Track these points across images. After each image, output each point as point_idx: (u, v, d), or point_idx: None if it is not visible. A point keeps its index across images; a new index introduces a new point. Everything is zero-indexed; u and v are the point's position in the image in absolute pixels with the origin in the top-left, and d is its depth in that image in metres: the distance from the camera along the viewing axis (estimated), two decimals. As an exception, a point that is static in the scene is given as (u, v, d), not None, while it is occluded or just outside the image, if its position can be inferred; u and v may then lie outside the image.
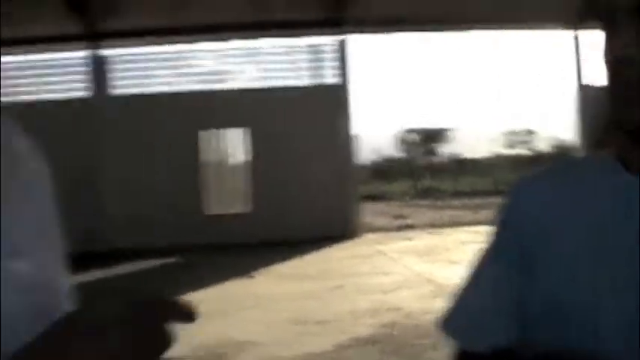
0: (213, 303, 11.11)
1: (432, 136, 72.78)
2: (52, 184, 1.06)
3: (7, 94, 22.28)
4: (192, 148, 21.80)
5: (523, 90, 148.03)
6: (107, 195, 20.96)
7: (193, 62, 22.50)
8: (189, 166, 21.71)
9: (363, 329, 8.91)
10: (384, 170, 69.23)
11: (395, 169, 69.80)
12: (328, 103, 21.69)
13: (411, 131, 73.72)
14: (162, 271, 16.79)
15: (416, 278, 12.78)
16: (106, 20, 21.10)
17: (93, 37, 21.47)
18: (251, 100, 21.57)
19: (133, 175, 21.10)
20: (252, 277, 14.03)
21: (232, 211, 22.18)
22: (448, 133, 72.54)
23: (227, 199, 22.40)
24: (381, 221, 26.35)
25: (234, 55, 22.51)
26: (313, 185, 21.29)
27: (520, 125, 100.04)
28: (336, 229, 20.79)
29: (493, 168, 63.34)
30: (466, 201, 40.86)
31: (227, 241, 20.11)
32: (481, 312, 1.24)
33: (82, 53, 22.08)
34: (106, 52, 22.10)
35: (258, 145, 21.64)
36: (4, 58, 22.39)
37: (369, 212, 27.11)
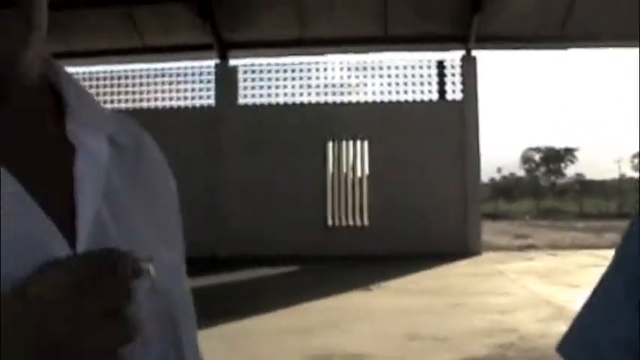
0: (330, 313, 11.22)
1: (556, 156, 71.36)
2: (176, 194, 1.10)
3: (137, 101, 23.11)
4: (319, 159, 22.04)
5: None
6: (232, 202, 21.38)
7: (320, 74, 22.76)
8: (315, 177, 21.94)
9: (479, 349, 8.83)
10: (507, 188, 68.17)
11: (517, 187, 68.66)
12: (453, 118, 21.58)
13: (534, 149, 72.51)
14: (281, 279, 17.02)
15: (534, 300, 12.57)
16: (235, 31, 21.61)
17: (222, 47, 22.01)
18: (376, 114, 21.66)
19: (257, 184, 21.46)
20: (370, 290, 14.08)
21: (353, 223, 22.31)
22: (573, 152, 70.96)
23: (348, 212, 22.54)
24: (501, 240, 26.01)
25: (360, 68, 22.66)
26: (434, 201, 21.18)
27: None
28: (456, 246, 20.62)
29: (619, 190, 61.55)
30: (590, 223, 39.88)
31: (347, 252, 20.23)
32: (600, 339, 1.17)
33: (211, 62, 22.69)
34: (234, 61, 22.63)
35: (381, 158, 21.69)
36: (136, 66, 23.24)
37: (490, 230, 26.82)
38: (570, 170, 71.55)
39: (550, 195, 64.97)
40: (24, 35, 0.84)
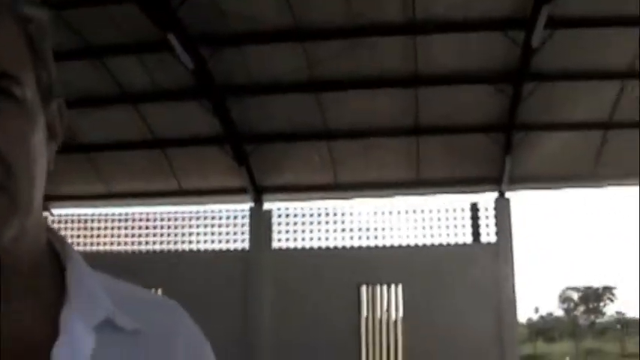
0: None
1: (594, 294, 70.34)
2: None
3: (172, 242, 23.31)
4: (353, 303, 21.88)
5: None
6: (264, 348, 21.17)
7: (353, 218, 22.87)
8: (349, 322, 21.71)
9: None
10: (545, 329, 66.96)
11: (556, 327, 67.42)
12: (488, 260, 21.43)
13: (572, 289, 71.55)
14: None
15: None
16: (269, 174, 21.94)
17: (257, 190, 22.28)
18: (409, 257, 21.59)
19: (291, 328, 21.27)
20: None
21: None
22: (612, 290, 69.88)
23: (382, 356, 22.19)
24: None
25: (393, 212, 22.72)
26: (470, 344, 20.81)
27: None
28: (494, 392, 20.16)
29: (663, 330, 60.12)
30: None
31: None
32: None
33: (245, 206, 22.91)
34: (268, 205, 22.85)
35: (414, 302, 21.49)
36: (172, 208, 23.58)
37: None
38: (610, 309, 70.30)
39: (590, 335, 63.61)
40: (4, 215, 0.85)
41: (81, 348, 0.89)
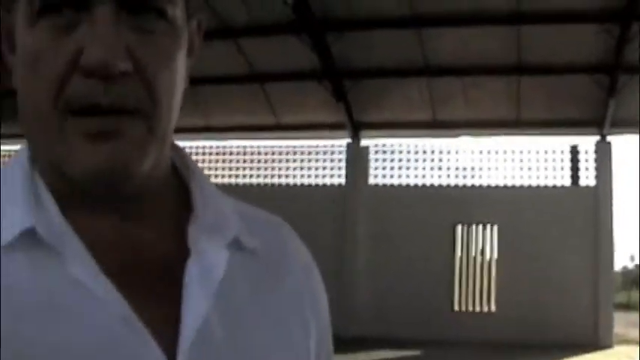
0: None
1: (694, 245, 68.49)
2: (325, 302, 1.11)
3: (269, 176, 23.55)
4: (447, 243, 21.88)
5: None
6: (358, 282, 21.36)
7: (451, 156, 22.73)
8: (443, 260, 21.74)
9: None
10: (640, 278, 65.64)
11: (652, 277, 65.95)
12: (586, 205, 21.08)
13: (671, 238, 69.79)
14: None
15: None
16: (367, 111, 21.88)
17: (354, 126, 22.28)
18: (506, 198, 21.39)
19: (385, 264, 21.40)
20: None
21: (480, 308, 21.95)
22: None
23: (475, 296, 22.19)
24: (634, 333, 24.97)
25: (492, 152, 22.49)
26: (564, 289, 20.61)
27: None
28: (586, 337, 19.95)
29: None
30: None
31: (472, 338, 19.85)
32: None
33: (342, 142, 22.97)
34: (365, 142, 22.86)
35: (510, 243, 21.33)
36: (269, 142, 23.76)
37: (622, 322, 25.78)
38: None
39: (687, 286, 62.12)
40: (142, 144, 0.84)
41: (213, 267, 0.88)
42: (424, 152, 22.81)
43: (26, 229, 0.80)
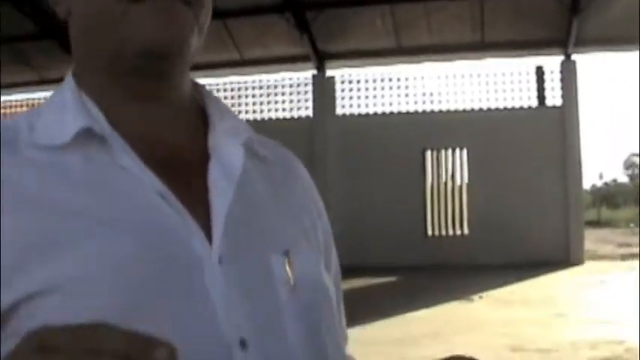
0: (431, 324, 11.17)
1: (661, 160, 69.40)
2: (326, 217, 1.30)
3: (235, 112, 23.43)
4: (417, 168, 22.01)
5: None
6: (330, 212, 21.37)
7: (417, 82, 22.74)
8: (414, 186, 21.91)
9: (585, 361, 8.67)
10: (609, 195, 66.61)
11: (620, 194, 66.97)
12: (553, 125, 21.24)
13: (636, 155, 70.68)
14: (381, 289, 17.02)
15: (641, 311, 12.26)
16: (331, 42, 21.76)
17: (319, 58, 22.17)
18: (474, 121, 21.50)
19: (356, 193, 21.54)
20: (471, 300, 13.96)
21: (452, 232, 22.21)
22: (679, 157, 68.84)
23: (447, 221, 22.43)
24: (604, 249, 25.44)
25: (457, 76, 22.54)
26: (535, 209, 20.87)
27: None
28: (558, 254, 20.30)
29: None
30: (698, 230, 38.58)
31: (446, 262, 20.13)
32: None
33: (308, 74, 22.89)
34: (331, 72, 22.79)
35: (479, 166, 21.51)
36: (234, 78, 23.61)
37: (593, 239, 26.24)
38: (676, 175, 69.31)
39: (654, 201, 63.06)
40: (192, 26, 1.01)
41: (233, 163, 1.04)
42: (390, 80, 22.82)
43: (82, 128, 0.97)
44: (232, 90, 23.69)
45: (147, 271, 0.91)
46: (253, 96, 23.54)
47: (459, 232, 22.16)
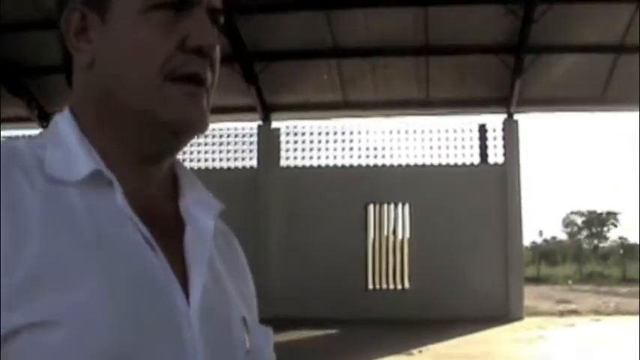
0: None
1: (598, 219, 70.54)
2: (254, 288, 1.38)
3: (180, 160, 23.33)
4: (360, 222, 22.08)
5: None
6: (272, 264, 21.38)
7: (362, 137, 22.91)
8: (356, 240, 21.95)
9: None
10: (548, 252, 67.35)
11: (559, 251, 67.76)
12: (495, 182, 21.53)
13: (576, 213, 71.80)
14: (321, 342, 16.93)
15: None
16: (278, 93, 21.89)
17: (265, 109, 22.26)
18: (417, 177, 21.69)
19: (298, 245, 21.48)
20: (412, 354, 13.96)
21: (393, 286, 22.25)
22: (616, 216, 70.05)
23: (389, 275, 22.49)
24: (543, 305, 25.68)
25: (402, 132, 22.76)
26: (476, 264, 21.02)
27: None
28: (498, 310, 20.44)
29: (664, 255, 60.23)
30: (634, 288, 39.11)
31: (386, 316, 20.11)
32: None
33: (254, 124, 22.94)
34: (277, 124, 22.89)
35: (422, 221, 21.65)
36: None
37: (532, 295, 26.48)
38: (613, 234, 70.60)
39: (593, 259, 63.82)
40: (207, 109, 1.14)
41: (206, 230, 1.14)
42: (335, 133, 22.97)
43: (94, 170, 1.06)
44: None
45: (137, 310, 0.99)
46: (198, 144, 23.47)
47: (399, 287, 22.23)
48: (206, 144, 23.37)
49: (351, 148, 22.81)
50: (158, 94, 1.08)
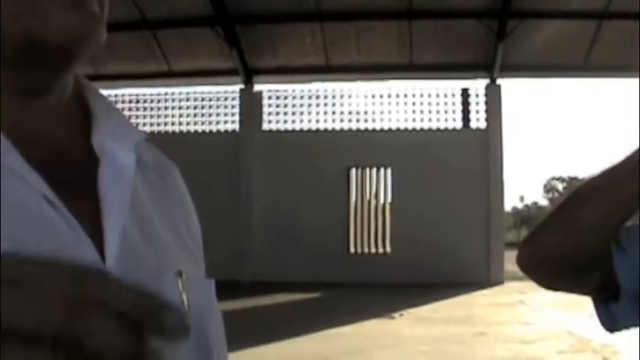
0: (353, 341, 11.20)
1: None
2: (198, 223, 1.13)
3: (162, 124, 23.24)
4: (342, 186, 22.10)
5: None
6: (254, 227, 21.42)
7: (345, 101, 22.88)
8: (338, 204, 21.98)
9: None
10: (529, 217, 67.81)
11: (540, 216, 68.17)
12: (477, 147, 21.58)
13: (557, 179, 72.22)
14: (303, 305, 17.01)
15: (557, 331, 12.50)
16: (260, 57, 21.78)
17: (247, 72, 22.14)
18: (399, 141, 21.69)
19: (280, 209, 21.51)
20: (393, 317, 14.04)
21: (375, 250, 22.34)
22: (597, 182, 70.47)
23: (370, 239, 22.56)
24: (523, 270, 25.82)
25: (385, 96, 22.73)
26: (457, 229, 21.13)
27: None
28: (479, 274, 20.58)
29: (643, 220, 60.65)
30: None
31: (368, 280, 20.21)
32: None
33: (236, 88, 22.83)
34: (259, 87, 22.78)
35: (404, 185, 21.70)
36: (162, 90, 23.42)
37: (512, 260, 26.58)
38: (593, 200, 70.86)
39: (573, 224, 64.32)
40: (98, 19, 0.89)
41: (125, 167, 0.92)
42: (317, 97, 22.92)
43: None
44: (159, 101, 23.49)
45: None
46: (180, 108, 23.37)
47: (381, 250, 22.31)
48: (187, 107, 23.26)
49: (334, 112, 22.78)
50: (34, 9, 0.86)
